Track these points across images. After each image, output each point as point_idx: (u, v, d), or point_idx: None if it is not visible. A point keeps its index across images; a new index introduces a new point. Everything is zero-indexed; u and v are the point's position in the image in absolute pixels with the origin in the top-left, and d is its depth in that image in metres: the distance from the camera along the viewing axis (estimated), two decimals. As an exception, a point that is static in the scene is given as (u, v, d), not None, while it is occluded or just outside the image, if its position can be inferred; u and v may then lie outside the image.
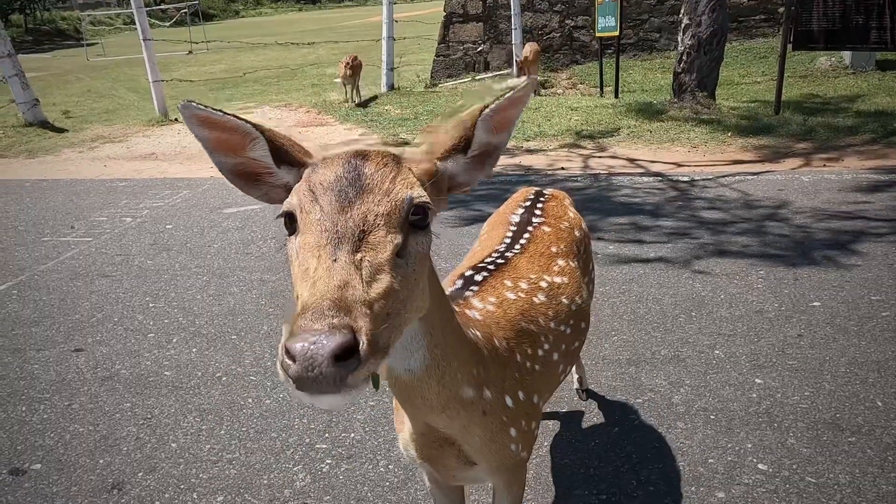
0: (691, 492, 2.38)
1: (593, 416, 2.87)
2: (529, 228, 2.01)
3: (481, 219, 5.47)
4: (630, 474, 2.50)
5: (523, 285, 1.74)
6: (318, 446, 2.74)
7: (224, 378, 3.30)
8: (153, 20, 21.22)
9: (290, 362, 0.81)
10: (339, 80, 11.15)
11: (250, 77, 15.20)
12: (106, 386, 3.28)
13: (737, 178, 6.19)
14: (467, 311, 1.51)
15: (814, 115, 8.26)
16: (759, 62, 12.46)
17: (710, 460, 2.53)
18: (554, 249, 1.95)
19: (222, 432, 2.87)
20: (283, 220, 1.05)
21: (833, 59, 11.44)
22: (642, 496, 2.39)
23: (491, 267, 1.79)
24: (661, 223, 5.12)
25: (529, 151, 7.79)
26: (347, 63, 10.70)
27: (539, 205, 2.17)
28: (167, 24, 30.87)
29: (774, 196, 5.57)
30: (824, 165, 6.45)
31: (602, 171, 6.72)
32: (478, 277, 1.72)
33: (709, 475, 2.46)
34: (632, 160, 7.13)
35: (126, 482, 2.59)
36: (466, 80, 13.59)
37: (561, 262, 1.92)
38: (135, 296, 4.30)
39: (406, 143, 1.21)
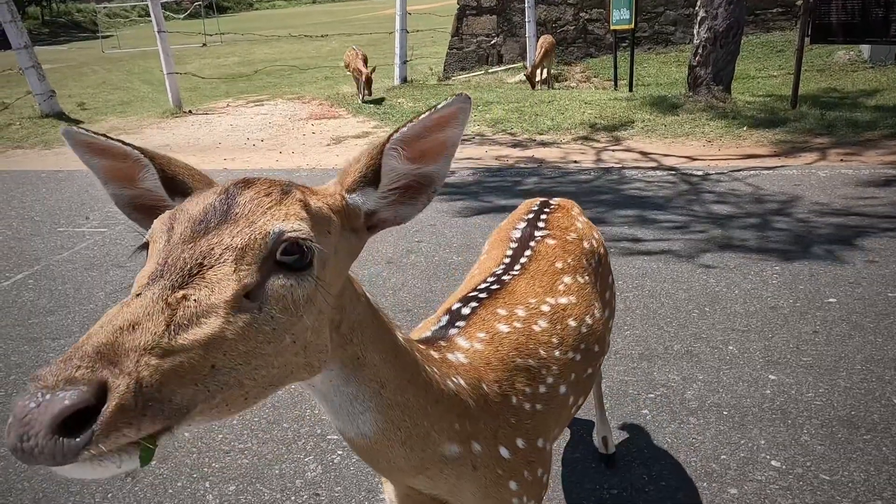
0: (703, 488, 2.37)
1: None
2: (531, 244, 1.80)
3: (490, 210, 5.51)
4: (641, 469, 2.49)
5: (520, 312, 1.54)
6: (329, 437, 2.75)
7: (236, 368, 3.31)
8: (168, 12, 21.34)
9: (9, 421, 0.66)
10: (351, 72, 11.01)
11: (263, 70, 15.23)
12: (120, 375, 3.30)
13: (752, 172, 6.13)
14: (449, 356, 1.31)
15: (831, 109, 8.15)
16: (775, 56, 12.31)
17: (722, 456, 2.52)
18: (559, 265, 1.73)
19: (235, 422, 2.89)
20: (144, 254, 0.90)
21: (852, 52, 11.29)
22: (653, 491, 2.38)
23: (482, 296, 1.57)
24: (673, 217, 5.09)
25: (543, 144, 7.76)
26: (362, 58, 10.54)
27: (543, 216, 1.94)
28: (181, 16, 31.00)
29: (790, 191, 5.51)
30: (841, 160, 6.37)
31: (615, 165, 6.68)
32: (465, 311, 1.50)
33: (721, 471, 2.44)
34: (645, 154, 7.07)
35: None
36: (479, 73, 13.54)
37: (567, 280, 1.70)
38: (149, 286, 4.33)
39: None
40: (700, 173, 6.22)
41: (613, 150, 7.31)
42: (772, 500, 2.29)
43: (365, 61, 10.57)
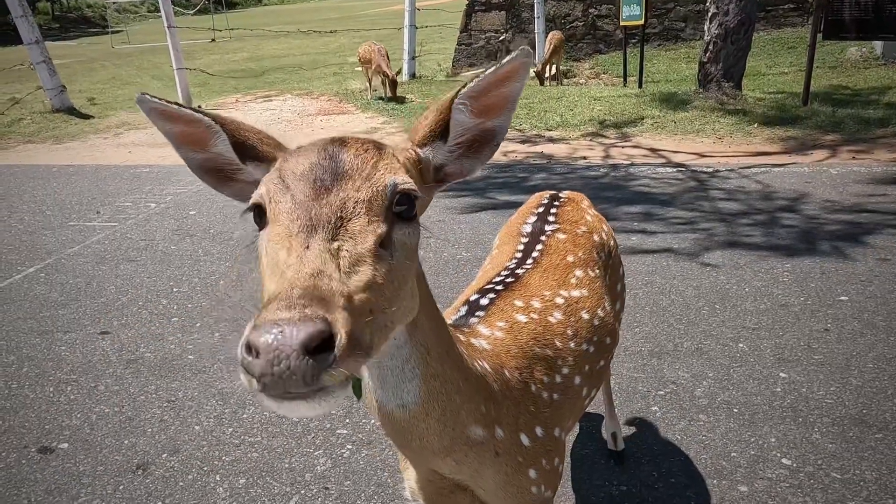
0: (713, 485, 2.36)
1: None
2: (542, 238, 1.82)
3: (498, 206, 5.50)
4: (650, 466, 2.48)
5: (536, 304, 1.56)
6: (338, 431, 2.76)
7: (246, 363, 3.33)
8: (177, 7, 21.36)
9: (251, 359, 0.70)
10: (365, 69, 10.54)
11: (272, 66, 15.24)
12: (131, 369, 3.33)
13: (762, 169, 6.10)
14: (473, 341, 1.34)
15: (843, 106, 8.09)
16: (786, 52, 12.23)
17: (732, 454, 2.51)
18: (570, 259, 1.75)
19: (245, 416, 2.91)
20: (251, 214, 0.96)
21: (864, 49, 11.19)
22: (662, 488, 2.38)
23: (499, 287, 1.60)
24: (683, 214, 5.06)
25: (551, 140, 7.74)
26: (385, 55, 10.04)
27: (553, 210, 1.95)
28: (191, 11, 31.07)
29: (801, 188, 5.48)
30: (853, 158, 6.32)
31: (624, 161, 6.66)
32: (484, 301, 1.55)
33: (731, 469, 2.43)
34: (655, 150, 7.04)
35: (150, 463, 2.63)
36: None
37: (579, 273, 1.72)
38: (159, 280, 4.35)
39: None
40: (709, 170, 6.19)
41: (622, 147, 7.28)
42: (782, 498, 2.28)
43: (388, 59, 10.19)
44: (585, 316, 1.63)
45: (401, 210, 0.92)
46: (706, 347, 3.23)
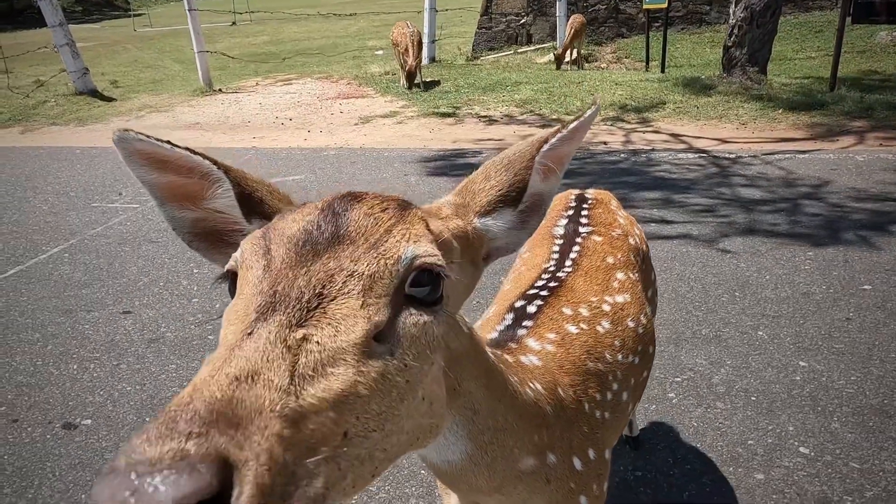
0: (729, 472, 2.35)
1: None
2: (578, 240, 1.72)
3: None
4: (666, 452, 2.48)
5: (584, 312, 1.46)
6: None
7: (265, 344, 3.37)
8: (198, -9, 21.42)
9: None
10: (397, 53, 10.05)
11: (292, 49, 15.25)
12: (152, 348, 3.38)
13: (786, 156, 5.99)
14: (522, 359, 1.22)
15: (871, 92, 7.91)
16: (814, 36, 11.97)
17: (749, 441, 2.49)
18: (610, 261, 1.67)
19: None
20: (227, 284, 0.76)
21: (895, 33, 10.91)
22: (678, 474, 2.37)
23: (544, 293, 1.50)
24: (703, 201, 5.00)
25: (571, 126, 7.67)
26: (416, 40, 9.64)
27: (584, 212, 1.87)
28: (211, -6, 31.08)
29: (825, 176, 5.38)
30: (881, 145, 6.19)
31: (644, 147, 6.58)
32: (531, 309, 1.44)
33: (748, 456, 2.42)
34: (676, 136, 6.95)
35: None
36: (508, 53, 13.40)
37: (620, 276, 1.64)
38: (179, 262, 4.41)
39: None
40: (732, 156, 6.10)
41: (643, 132, 7.20)
42: (799, 486, 2.26)
43: (419, 45, 9.78)
44: (631, 324, 1.54)
45: (419, 293, 0.71)
46: (725, 335, 3.20)
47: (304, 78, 11.95)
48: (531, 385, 1.11)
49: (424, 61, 12.15)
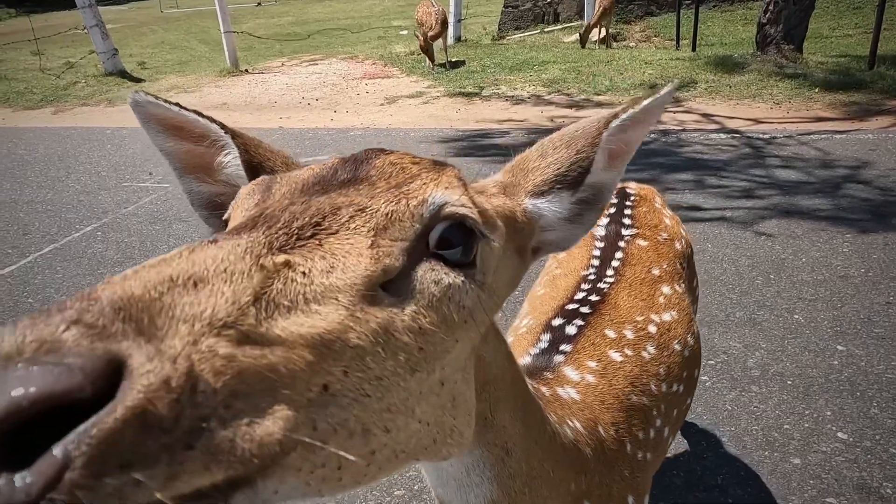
0: (764, 456, 2.32)
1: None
2: (621, 244, 1.55)
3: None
4: (699, 436, 2.45)
5: (629, 335, 1.30)
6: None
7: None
8: (223, -29, 21.45)
9: None
10: (420, 35, 9.67)
11: (317, 29, 15.22)
12: (184, 325, 3.42)
13: (822, 136, 5.84)
14: (560, 391, 1.08)
15: (912, 70, 7.66)
16: (852, 13, 11.61)
17: (785, 426, 2.45)
18: (656, 272, 1.49)
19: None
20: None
21: (937, 9, 10.54)
22: (711, 458, 2.34)
23: (585, 309, 1.34)
24: (738, 182, 4.90)
25: (600, 105, 7.55)
26: (441, 18, 9.38)
27: (626, 210, 1.68)
28: (236, -25, 31.10)
29: (864, 157, 5.23)
30: (922, 125, 6.01)
31: (675, 127, 6.46)
32: (570, 329, 1.27)
33: (784, 441, 2.38)
34: (708, 116, 6.81)
35: None
36: (535, 32, 13.21)
37: (666, 290, 1.47)
38: (209, 241, 4.45)
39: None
40: (766, 136, 5.96)
41: (674, 112, 7.06)
42: (837, 472, 2.22)
43: (444, 24, 9.51)
44: (678, 347, 1.38)
45: (448, 254, 0.59)
46: (760, 318, 3.15)
47: (329, 58, 11.93)
48: (570, 423, 0.99)
49: (450, 41, 12.04)
